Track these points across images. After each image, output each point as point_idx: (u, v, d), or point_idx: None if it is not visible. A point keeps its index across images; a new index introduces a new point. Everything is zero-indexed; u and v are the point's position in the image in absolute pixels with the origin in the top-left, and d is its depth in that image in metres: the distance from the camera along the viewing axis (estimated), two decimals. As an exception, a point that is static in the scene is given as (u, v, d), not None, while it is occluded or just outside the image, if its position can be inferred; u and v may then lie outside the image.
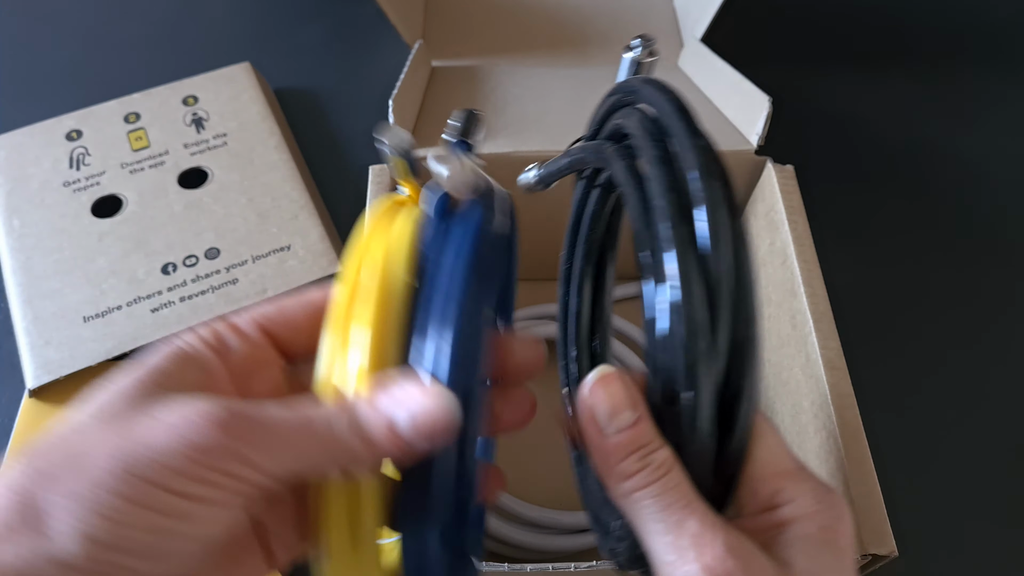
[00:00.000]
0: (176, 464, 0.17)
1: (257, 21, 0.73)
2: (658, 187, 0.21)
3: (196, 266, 0.51)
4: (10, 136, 0.58)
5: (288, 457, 0.19)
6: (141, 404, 0.19)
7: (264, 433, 0.18)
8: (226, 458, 0.18)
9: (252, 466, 0.18)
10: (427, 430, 0.19)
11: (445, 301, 0.21)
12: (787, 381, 0.40)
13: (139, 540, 0.17)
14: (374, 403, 0.20)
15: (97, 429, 0.18)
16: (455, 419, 0.20)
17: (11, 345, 0.49)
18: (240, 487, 0.18)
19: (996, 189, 0.60)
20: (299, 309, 0.24)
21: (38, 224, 0.53)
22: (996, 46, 0.70)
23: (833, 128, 0.64)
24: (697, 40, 0.51)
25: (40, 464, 0.17)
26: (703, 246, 0.20)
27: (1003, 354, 0.51)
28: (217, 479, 0.18)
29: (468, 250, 0.22)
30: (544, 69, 0.52)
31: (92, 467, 0.17)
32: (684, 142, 0.21)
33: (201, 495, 0.17)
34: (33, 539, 0.16)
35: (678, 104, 0.22)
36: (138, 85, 0.61)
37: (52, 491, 0.17)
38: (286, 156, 0.57)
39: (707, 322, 0.20)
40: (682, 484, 0.21)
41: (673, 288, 0.20)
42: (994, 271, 0.55)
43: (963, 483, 0.46)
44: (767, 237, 0.43)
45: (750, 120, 0.44)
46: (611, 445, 0.21)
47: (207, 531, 0.18)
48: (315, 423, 0.19)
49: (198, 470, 0.17)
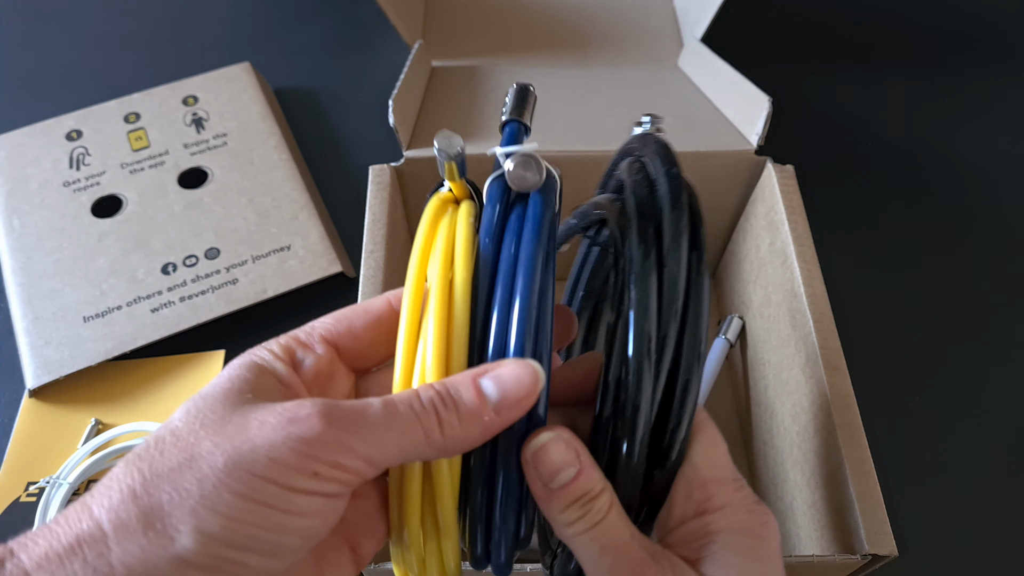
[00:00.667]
0: (285, 458, 0.18)
1: (257, 21, 0.73)
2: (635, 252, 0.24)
3: (196, 266, 0.51)
4: (10, 136, 0.58)
5: (389, 443, 0.20)
6: (237, 409, 0.19)
7: (364, 422, 0.19)
8: (331, 449, 0.19)
9: (355, 454, 0.19)
10: (516, 397, 0.20)
11: (519, 282, 0.22)
12: (787, 381, 0.40)
13: (252, 535, 0.18)
14: (465, 378, 0.21)
15: (202, 433, 0.19)
16: (542, 382, 0.21)
17: (11, 345, 0.49)
18: (346, 477, 0.19)
19: (996, 189, 0.60)
20: (361, 320, 0.24)
21: (38, 224, 0.53)
22: (997, 46, 0.70)
23: (833, 128, 0.64)
24: (697, 40, 0.51)
25: (153, 467, 0.18)
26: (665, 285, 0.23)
27: (1003, 354, 0.51)
28: (324, 471, 0.18)
29: (534, 236, 0.22)
30: (544, 69, 0.52)
31: (205, 467, 0.18)
32: (662, 187, 0.24)
33: (310, 488, 0.18)
34: (151, 538, 0.17)
35: (665, 153, 0.26)
36: (138, 85, 0.61)
37: (168, 491, 0.18)
38: (286, 156, 0.57)
39: (656, 349, 0.22)
40: (617, 526, 0.22)
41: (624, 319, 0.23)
42: (994, 271, 0.55)
43: (963, 483, 0.46)
44: (767, 237, 0.43)
45: (750, 120, 0.44)
46: (554, 497, 0.22)
47: (313, 525, 0.19)
48: (412, 407, 0.20)
49: (305, 462, 0.18)
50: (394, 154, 0.44)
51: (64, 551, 0.17)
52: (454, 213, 0.25)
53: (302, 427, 0.18)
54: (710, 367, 0.47)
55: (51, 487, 0.44)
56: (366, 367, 0.26)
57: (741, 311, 0.48)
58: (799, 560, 0.31)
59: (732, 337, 0.48)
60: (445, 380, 0.21)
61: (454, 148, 0.24)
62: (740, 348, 0.49)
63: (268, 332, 0.24)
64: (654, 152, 0.26)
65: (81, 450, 0.46)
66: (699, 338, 0.23)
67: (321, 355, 0.24)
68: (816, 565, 0.31)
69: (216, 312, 0.50)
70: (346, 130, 0.64)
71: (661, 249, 0.24)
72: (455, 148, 0.24)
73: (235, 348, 0.51)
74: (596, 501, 0.22)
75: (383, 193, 0.41)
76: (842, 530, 0.32)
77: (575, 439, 0.22)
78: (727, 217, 0.49)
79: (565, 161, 0.45)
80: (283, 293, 0.51)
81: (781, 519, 0.40)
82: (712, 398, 0.47)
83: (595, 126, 0.47)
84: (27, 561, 0.17)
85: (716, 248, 0.52)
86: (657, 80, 0.51)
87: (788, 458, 0.39)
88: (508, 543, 0.22)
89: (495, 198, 0.24)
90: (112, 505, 0.18)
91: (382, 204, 0.41)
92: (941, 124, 0.64)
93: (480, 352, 0.22)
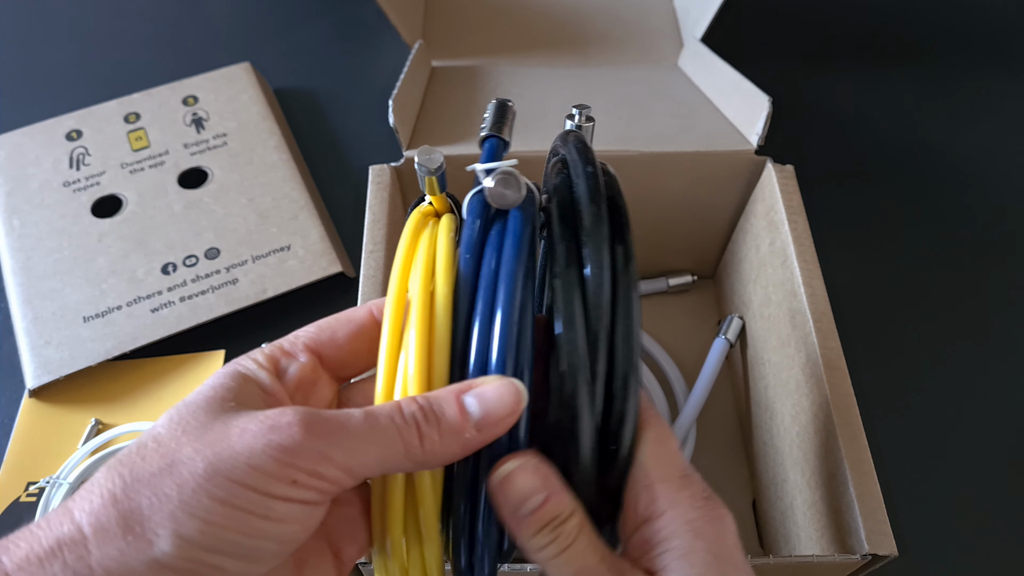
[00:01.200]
0: (264, 465, 0.18)
1: (257, 21, 0.73)
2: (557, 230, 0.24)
3: (196, 266, 0.51)
4: (10, 136, 0.58)
5: (368, 455, 0.20)
6: (219, 416, 0.20)
7: (344, 432, 0.19)
8: (310, 457, 0.19)
9: (334, 464, 0.19)
10: (499, 416, 0.20)
11: (501, 297, 0.22)
12: (787, 381, 0.40)
13: (230, 540, 0.18)
14: (448, 394, 0.21)
15: (183, 439, 0.19)
16: (524, 401, 0.21)
17: (11, 345, 0.49)
18: (324, 485, 0.19)
19: (997, 188, 0.60)
20: (344, 329, 0.25)
21: (38, 224, 0.53)
22: (998, 45, 0.70)
23: (833, 128, 0.63)
24: (697, 40, 0.51)
25: (134, 472, 0.18)
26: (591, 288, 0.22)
27: (1004, 354, 0.51)
28: (303, 479, 0.19)
29: (514, 252, 0.22)
30: (544, 69, 0.52)
31: (185, 472, 0.18)
32: (580, 184, 0.24)
33: (289, 495, 0.19)
34: (130, 541, 0.17)
35: (583, 151, 0.25)
36: (138, 85, 0.61)
37: (148, 496, 0.18)
38: (286, 156, 0.57)
39: (586, 356, 0.22)
40: (587, 550, 0.22)
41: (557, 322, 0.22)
42: (995, 270, 0.55)
43: (963, 483, 0.46)
44: (767, 237, 0.43)
45: (750, 120, 0.44)
46: (523, 525, 0.22)
47: (292, 531, 0.19)
48: (393, 419, 0.20)
49: (284, 470, 0.18)
50: (394, 154, 0.44)
51: (44, 554, 0.17)
52: (435, 227, 0.25)
53: (282, 435, 0.19)
54: (710, 367, 0.47)
55: (51, 487, 0.44)
56: (348, 375, 0.26)
57: (741, 311, 0.48)
58: (799, 560, 0.31)
59: (732, 337, 0.48)
60: (428, 394, 0.21)
61: (435, 163, 0.24)
62: (740, 348, 0.49)
63: (268, 332, 0.25)
64: (573, 150, 0.26)
65: (81, 450, 0.46)
66: (631, 334, 0.22)
67: (304, 363, 0.24)
68: (816, 565, 0.31)
69: (216, 312, 0.50)
70: (346, 130, 0.64)
71: (581, 251, 0.23)
72: (435, 163, 0.24)
73: (235, 348, 0.51)
74: (565, 525, 0.22)
75: (383, 193, 0.41)
76: (842, 530, 0.32)
77: (543, 463, 0.22)
78: (727, 217, 0.49)
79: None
80: (283, 293, 0.51)
81: (781, 519, 0.40)
82: (712, 398, 0.47)
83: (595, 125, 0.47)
84: (8, 563, 0.17)
85: (716, 248, 0.52)
86: (657, 80, 0.51)
87: (788, 458, 0.39)
88: (491, 556, 0.22)
89: (475, 213, 0.24)
90: (93, 509, 0.18)
91: (382, 204, 0.41)
92: (941, 124, 0.64)
93: (461, 365, 0.22)
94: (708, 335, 0.49)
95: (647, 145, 0.45)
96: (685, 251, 0.52)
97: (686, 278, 0.53)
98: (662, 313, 0.53)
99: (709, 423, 0.48)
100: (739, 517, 0.45)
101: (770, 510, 0.42)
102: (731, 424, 0.49)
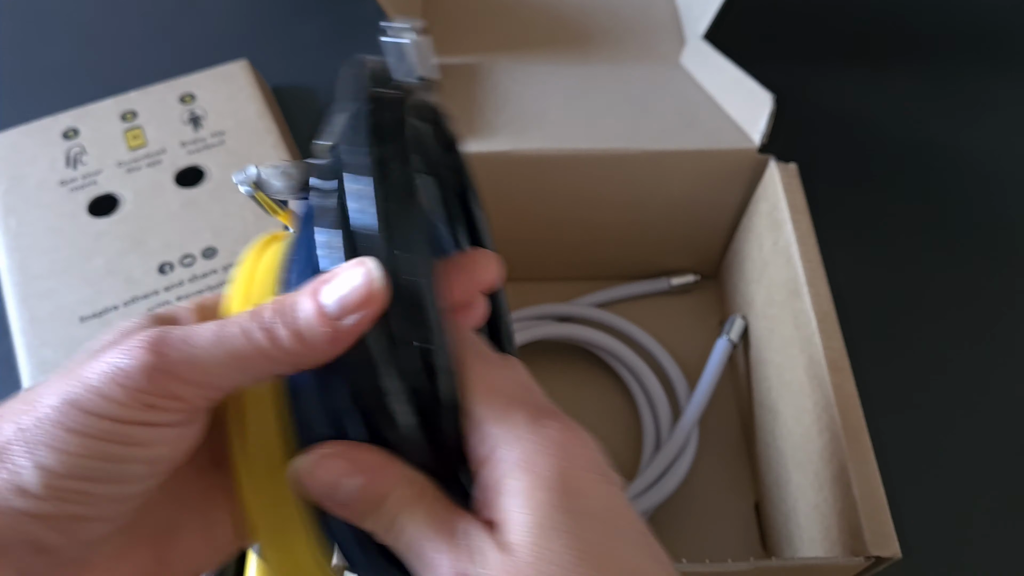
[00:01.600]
0: (112, 393, 0.18)
1: (255, 18, 0.72)
2: None
3: (193, 266, 0.51)
4: (6, 135, 0.57)
5: (222, 364, 0.19)
6: (91, 356, 0.20)
7: (190, 347, 0.19)
8: (159, 379, 0.19)
9: (187, 381, 0.19)
10: (355, 299, 0.19)
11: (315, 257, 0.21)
12: (790, 382, 0.39)
13: (92, 467, 0.18)
14: (302, 291, 0.20)
15: (52, 379, 0.20)
16: (376, 278, 0.19)
17: (7, 346, 0.49)
18: (181, 405, 0.19)
19: (1002, 188, 0.60)
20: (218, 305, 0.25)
21: (34, 223, 0.53)
22: (1001, 44, 0.70)
23: (837, 126, 0.63)
24: (699, 37, 0.51)
25: (3, 410, 0.19)
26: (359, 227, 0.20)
27: (1008, 354, 0.51)
28: (158, 401, 0.19)
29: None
30: (544, 66, 0.51)
31: (40, 406, 0.19)
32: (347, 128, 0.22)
33: (146, 419, 0.19)
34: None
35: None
36: (135, 83, 0.61)
37: (8, 430, 0.18)
38: (284, 154, 0.57)
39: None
40: (411, 521, 0.20)
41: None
42: (999, 270, 0.55)
43: (967, 484, 0.46)
44: (770, 236, 0.43)
45: (753, 118, 0.44)
46: (348, 513, 0.21)
47: (160, 453, 0.19)
48: (243, 325, 0.20)
49: (134, 395, 0.18)
50: (393, 152, 0.43)
51: None
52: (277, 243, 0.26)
53: (127, 360, 0.19)
54: (713, 368, 0.47)
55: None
56: None
57: (744, 311, 0.48)
58: (802, 562, 0.30)
59: (735, 337, 0.47)
60: (283, 295, 0.20)
61: (250, 179, 0.24)
62: (743, 348, 0.48)
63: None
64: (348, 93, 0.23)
65: (78, 451, 0.45)
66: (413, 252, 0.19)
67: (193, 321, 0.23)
68: (819, 567, 0.31)
69: (214, 312, 0.49)
70: (345, 128, 0.63)
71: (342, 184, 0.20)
72: (251, 179, 0.24)
73: (233, 348, 0.51)
74: (386, 503, 0.20)
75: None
76: (845, 532, 0.32)
77: (349, 447, 0.20)
78: (729, 216, 0.49)
79: (565, 159, 0.45)
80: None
81: (784, 521, 0.40)
82: (715, 399, 0.47)
83: (596, 124, 0.46)
84: None
85: (718, 247, 0.52)
86: (659, 77, 0.50)
87: (791, 460, 0.39)
88: (359, 546, 0.21)
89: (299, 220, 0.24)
90: None
91: (381, 203, 0.41)
92: (945, 122, 0.64)
93: None
94: (710, 335, 0.49)
95: (649, 143, 0.44)
96: (687, 250, 0.52)
97: (688, 278, 0.53)
98: (664, 313, 0.53)
99: (712, 424, 0.47)
100: (742, 519, 0.45)
101: (773, 512, 0.42)
102: (734, 425, 0.48)
